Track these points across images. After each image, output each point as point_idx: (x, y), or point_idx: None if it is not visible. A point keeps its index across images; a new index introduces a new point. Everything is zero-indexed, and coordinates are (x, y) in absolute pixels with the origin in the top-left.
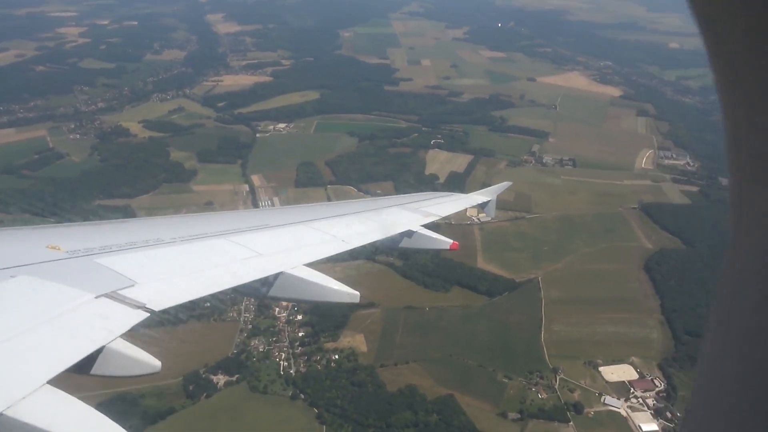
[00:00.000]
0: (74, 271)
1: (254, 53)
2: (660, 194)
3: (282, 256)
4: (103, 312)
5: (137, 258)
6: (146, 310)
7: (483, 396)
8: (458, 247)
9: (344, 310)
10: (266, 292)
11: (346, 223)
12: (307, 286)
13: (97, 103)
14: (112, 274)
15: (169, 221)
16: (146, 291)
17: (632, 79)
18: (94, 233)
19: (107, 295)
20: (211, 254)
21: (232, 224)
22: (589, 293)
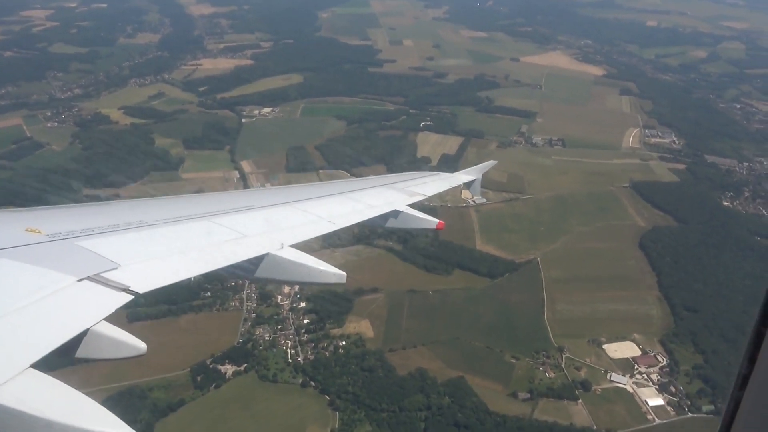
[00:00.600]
0: (55, 254)
1: (231, 36)
2: (649, 172)
3: (267, 237)
4: (86, 295)
5: (120, 240)
6: (130, 292)
7: (492, 377)
8: (444, 227)
9: (348, 296)
10: (252, 273)
11: (332, 203)
12: (293, 267)
13: (72, 90)
14: (94, 257)
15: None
16: (130, 273)
17: (613, 57)
18: (75, 216)
19: (90, 278)
20: (195, 236)
21: (217, 206)
22: (588, 272)
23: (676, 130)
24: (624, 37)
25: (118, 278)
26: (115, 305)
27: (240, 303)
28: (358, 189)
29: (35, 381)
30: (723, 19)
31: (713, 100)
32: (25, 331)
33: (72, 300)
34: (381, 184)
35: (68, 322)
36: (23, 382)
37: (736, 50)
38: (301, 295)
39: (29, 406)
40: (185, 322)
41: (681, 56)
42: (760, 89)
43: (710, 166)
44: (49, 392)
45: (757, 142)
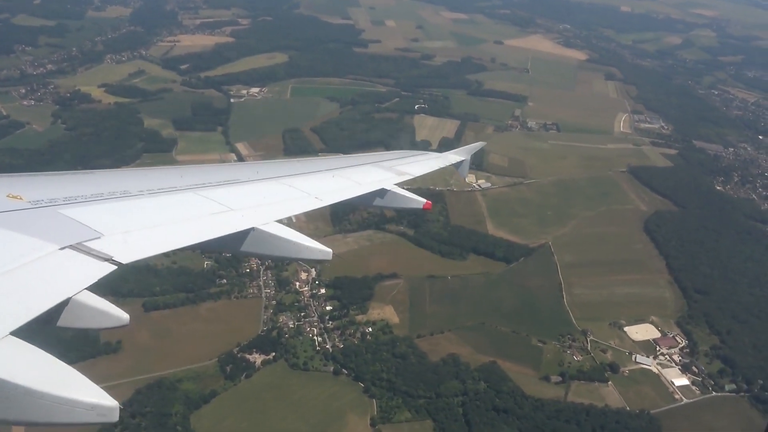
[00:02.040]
0: (37, 221)
1: (206, 11)
2: (643, 157)
3: (254, 212)
4: (68, 263)
5: (103, 210)
6: (113, 262)
7: (522, 361)
8: (431, 207)
9: (368, 282)
10: (237, 247)
11: (320, 179)
12: (279, 243)
13: (45, 65)
14: (77, 226)
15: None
16: (113, 243)
17: (592, 42)
18: (58, 183)
19: (72, 246)
20: (180, 208)
21: (203, 178)
22: (599, 256)
23: (662, 115)
24: (600, 22)
25: (101, 248)
26: (98, 275)
27: (258, 290)
28: (346, 166)
29: (14, 348)
30: (693, 6)
31: (692, 87)
32: (5, 298)
33: (53, 268)
34: (369, 162)
35: (49, 291)
36: (3, 350)
37: (707, 38)
38: (320, 281)
39: (8, 374)
40: (205, 311)
41: (656, 42)
42: (733, 77)
43: (699, 152)
44: (29, 360)
45: (737, 128)
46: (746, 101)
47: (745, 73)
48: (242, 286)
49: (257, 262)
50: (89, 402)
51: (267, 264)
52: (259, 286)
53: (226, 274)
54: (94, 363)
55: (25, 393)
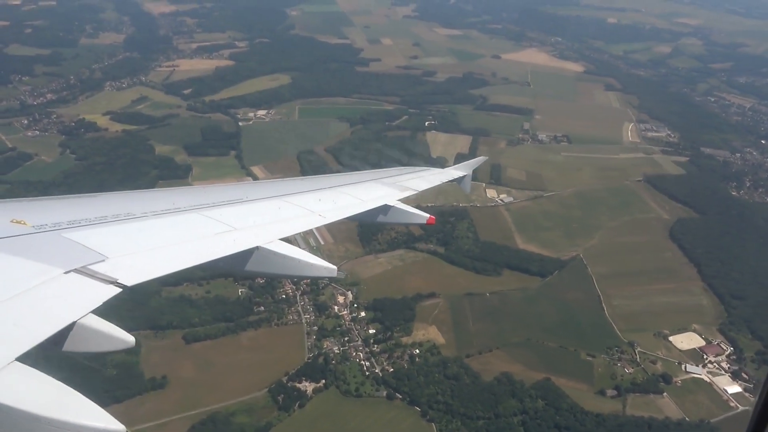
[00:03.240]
0: (41, 246)
1: (201, 35)
2: (656, 166)
3: (258, 231)
4: (73, 287)
5: (108, 233)
6: (118, 285)
7: (575, 376)
8: (434, 222)
9: (408, 302)
10: (242, 267)
11: (323, 197)
12: (284, 261)
13: (44, 95)
14: (81, 249)
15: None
16: (118, 266)
17: (585, 54)
18: (62, 207)
19: (77, 270)
20: (184, 228)
21: (207, 198)
22: (631, 266)
23: (667, 123)
24: (590, 34)
25: (106, 271)
26: (103, 298)
27: (297, 316)
28: (349, 183)
29: (20, 375)
30: (676, 15)
31: (689, 94)
32: (10, 324)
33: (58, 293)
34: (372, 178)
35: (54, 315)
36: (8, 376)
37: (695, 46)
38: (358, 304)
39: (14, 400)
40: (246, 340)
41: (647, 52)
42: (726, 83)
43: (709, 158)
44: (36, 386)
45: (739, 133)
46: (743, 107)
47: (737, 79)
48: (280, 312)
49: (292, 288)
50: (96, 427)
51: (302, 289)
52: (298, 312)
53: (262, 301)
54: (142, 400)
55: (32, 419)
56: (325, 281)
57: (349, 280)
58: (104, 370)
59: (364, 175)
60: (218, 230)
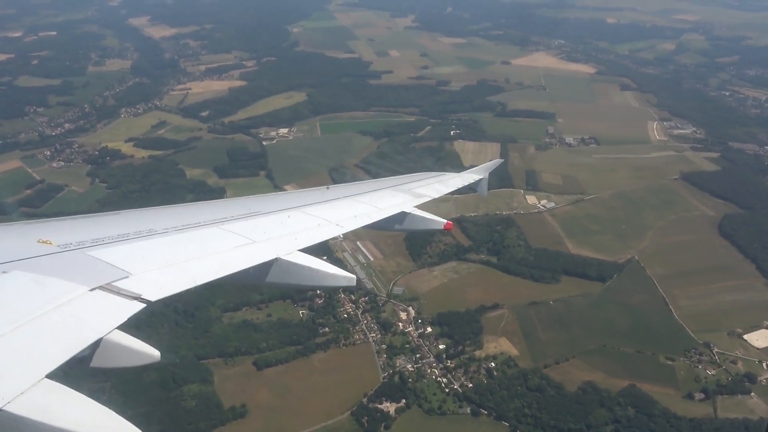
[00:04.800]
0: (67, 264)
1: (207, 57)
2: (689, 163)
3: (276, 243)
4: (98, 304)
5: (130, 249)
6: (142, 300)
7: (659, 381)
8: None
9: (472, 315)
10: (263, 279)
11: (340, 207)
12: (303, 272)
13: (62, 125)
14: (105, 267)
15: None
16: (141, 282)
17: (592, 54)
18: (85, 226)
19: (102, 287)
20: (204, 243)
21: (225, 212)
22: (688, 265)
23: (689, 120)
24: (592, 35)
25: (130, 287)
26: (128, 314)
27: (364, 335)
28: (365, 192)
29: (51, 391)
30: (673, 12)
31: (702, 90)
32: (39, 342)
33: (84, 310)
34: (388, 186)
35: (81, 332)
36: (39, 393)
37: (698, 41)
38: (422, 320)
39: (46, 417)
40: (318, 362)
41: (652, 50)
42: (736, 76)
43: (739, 153)
44: (66, 402)
45: (762, 126)
46: (758, 99)
47: (747, 72)
48: (346, 332)
49: (352, 307)
50: None
51: (363, 307)
52: (363, 331)
53: (326, 321)
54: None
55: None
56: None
57: (407, 296)
58: (183, 402)
59: (380, 182)
60: (238, 243)
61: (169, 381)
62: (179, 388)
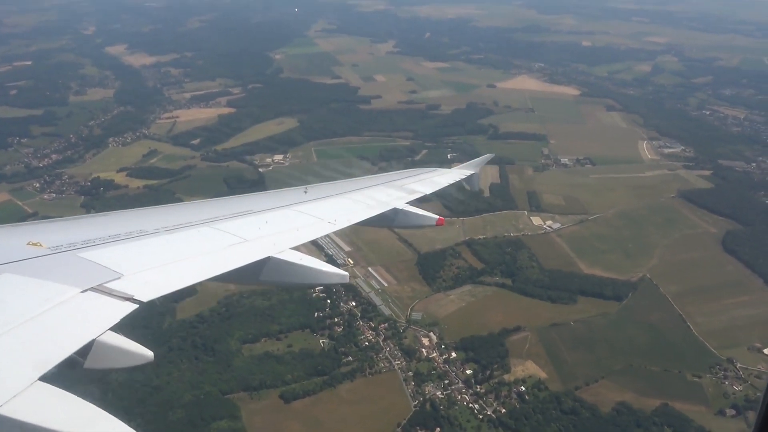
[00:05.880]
0: (58, 266)
1: (191, 84)
2: (683, 181)
3: (269, 241)
4: (90, 306)
5: (122, 250)
6: (134, 301)
7: (690, 399)
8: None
9: (496, 338)
10: (255, 278)
11: (331, 204)
12: (296, 270)
13: (49, 156)
14: (96, 268)
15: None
16: (133, 282)
17: (573, 77)
18: (76, 228)
19: (93, 288)
20: (196, 242)
21: (217, 211)
22: (699, 282)
23: (677, 139)
24: (569, 58)
25: (122, 288)
26: (120, 315)
27: (388, 363)
28: (357, 189)
29: (44, 393)
30: (644, 35)
31: (683, 109)
32: (31, 344)
33: (76, 311)
34: (379, 183)
35: (74, 334)
36: (32, 395)
37: (672, 62)
38: (446, 345)
39: (39, 419)
40: (346, 393)
41: (629, 71)
42: (713, 96)
43: (729, 170)
44: (60, 405)
45: (745, 143)
46: (737, 118)
47: (722, 92)
48: (370, 361)
49: (372, 334)
50: None
51: (384, 334)
52: (388, 359)
53: (348, 350)
54: None
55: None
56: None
57: (427, 321)
58: None
59: (372, 179)
60: (230, 242)
61: (197, 418)
62: (208, 425)
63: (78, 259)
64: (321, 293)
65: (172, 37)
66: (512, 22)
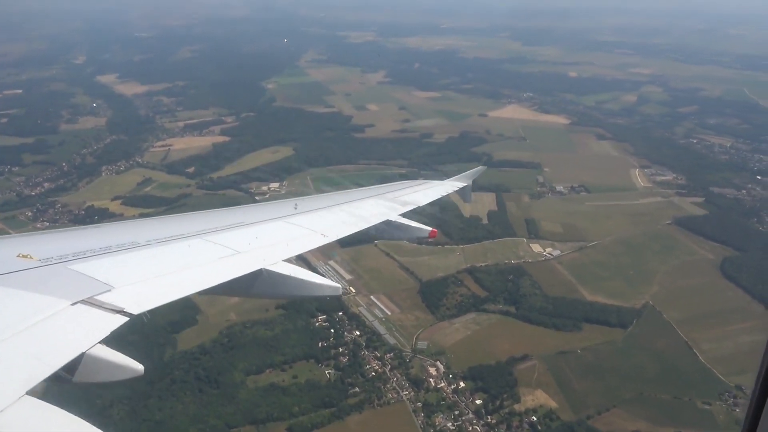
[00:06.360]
0: (48, 278)
1: (184, 113)
2: (678, 208)
3: (261, 253)
4: (80, 318)
5: (113, 262)
6: (125, 314)
7: (702, 427)
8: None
9: (503, 368)
10: (249, 290)
11: (324, 216)
12: (288, 281)
13: (41, 184)
14: (87, 280)
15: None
16: (124, 295)
17: (562, 106)
18: (67, 240)
19: (84, 301)
20: (188, 255)
21: (209, 223)
22: (701, 308)
23: (668, 167)
24: (557, 88)
25: (112, 300)
26: (110, 327)
27: (396, 393)
28: (350, 201)
29: (31, 408)
30: (628, 66)
31: (671, 138)
32: (20, 358)
33: (66, 324)
34: (372, 195)
35: (63, 347)
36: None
37: (657, 93)
38: (454, 374)
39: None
40: (355, 425)
41: (616, 101)
42: (699, 125)
43: (720, 197)
44: (47, 419)
45: (734, 171)
46: (724, 146)
47: (707, 121)
48: (378, 392)
49: (379, 363)
50: None
51: (390, 364)
52: (396, 389)
53: (355, 381)
54: None
55: None
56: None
57: (433, 350)
58: None
59: (365, 191)
60: (222, 254)
61: None
62: None
63: (68, 271)
64: (324, 322)
65: (163, 66)
66: (499, 54)
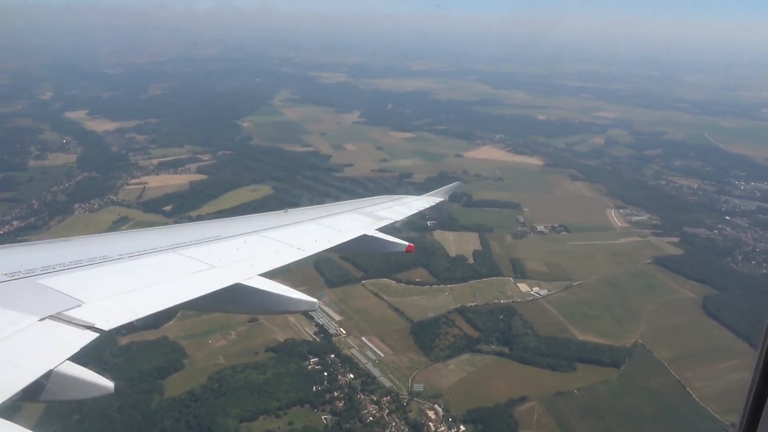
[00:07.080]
0: (15, 293)
1: (158, 150)
2: (655, 248)
3: (236, 268)
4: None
5: (83, 277)
6: (95, 330)
7: None
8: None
9: (503, 410)
10: (224, 305)
11: (300, 231)
12: (264, 296)
13: (10, 223)
14: (56, 295)
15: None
16: (94, 310)
17: (534, 147)
18: (35, 253)
19: (52, 316)
20: (161, 269)
21: (183, 237)
22: (689, 347)
23: (641, 207)
24: (528, 131)
25: (82, 316)
26: (80, 344)
27: None
28: (327, 215)
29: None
30: (593, 110)
31: (641, 179)
32: None
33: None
34: (349, 209)
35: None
36: None
37: (623, 136)
38: (453, 418)
39: None
40: None
41: (585, 143)
42: (666, 167)
43: (694, 236)
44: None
45: (703, 211)
46: (692, 187)
47: (673, 163)
48: None
49: (375, 407)
50: None
51: (388, 408)
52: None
53: (352, 426)
54: None
55: None
56: None
57: (430, 392)
58: None
59: (342, 206)
60: (196, 269)
61: None
62: None
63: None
64: (317, 365)
65: (134, 103)
66: (469, 96)
